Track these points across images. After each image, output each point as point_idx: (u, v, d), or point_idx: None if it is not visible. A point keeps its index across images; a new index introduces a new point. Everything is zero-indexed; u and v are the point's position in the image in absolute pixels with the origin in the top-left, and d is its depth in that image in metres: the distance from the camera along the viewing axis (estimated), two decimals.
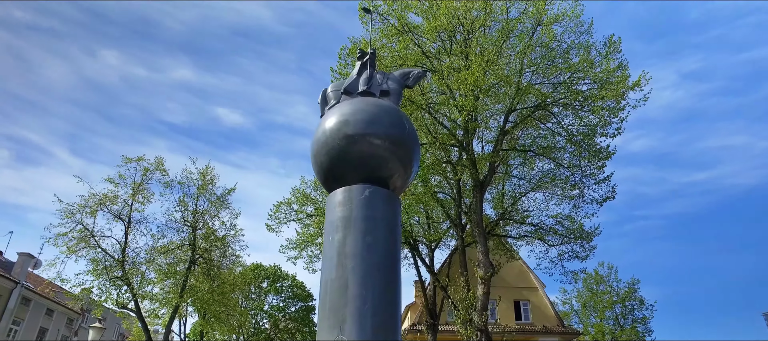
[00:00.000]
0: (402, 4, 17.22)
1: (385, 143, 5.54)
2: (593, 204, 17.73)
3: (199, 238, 27.54)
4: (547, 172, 19.78)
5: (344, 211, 5.26)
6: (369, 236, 5.03)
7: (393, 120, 5.74)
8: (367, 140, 5.48)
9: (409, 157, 5.83)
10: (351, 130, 5.47)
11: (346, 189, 5.39)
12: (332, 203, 5.45)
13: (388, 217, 5.39)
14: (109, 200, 24.57)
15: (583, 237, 20.42)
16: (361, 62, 6.69)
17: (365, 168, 5.51)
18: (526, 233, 23.19)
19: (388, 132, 5.59)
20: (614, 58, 15.51)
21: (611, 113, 15.61)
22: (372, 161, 5.52)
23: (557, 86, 16.00)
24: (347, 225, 5.16)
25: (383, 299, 4.80)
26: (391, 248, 5.21)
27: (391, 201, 5.58)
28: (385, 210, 5.40)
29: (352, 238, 5.07)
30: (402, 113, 6.09)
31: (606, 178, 17.21)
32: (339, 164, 5.55)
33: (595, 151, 16.43)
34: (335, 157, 5.53)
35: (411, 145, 5.84)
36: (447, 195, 22.42)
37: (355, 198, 5.28)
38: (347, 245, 5.04)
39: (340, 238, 5.10)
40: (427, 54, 17.34)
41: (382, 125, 5.62)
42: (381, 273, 4.92)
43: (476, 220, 16.86)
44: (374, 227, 5.17)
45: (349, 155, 5.46)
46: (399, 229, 5.65)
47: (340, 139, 5.47)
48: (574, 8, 15.91)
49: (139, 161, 26.02)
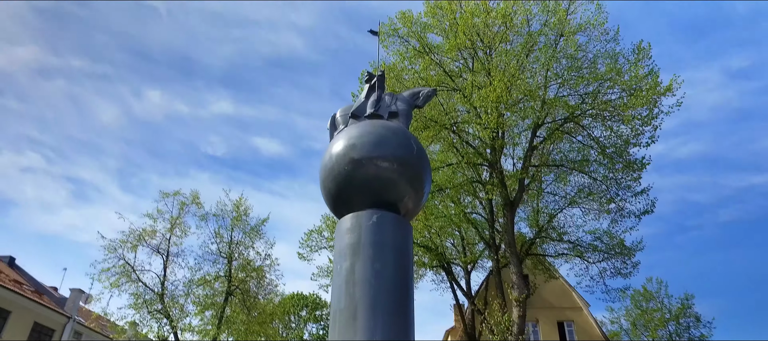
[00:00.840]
0: (421, 25, 17.24)
1: (392, 165, 5.40)
2: (631, 218, 16.89)
3: (235, 269, 27.92)
4: (582, 187, 19.06)
5: (352, 238, 5.10)
6: (377, 263, 4.84)
7: (400, 141, 5.60)
8: (374, 163, 5.34)
9: (419, 178, 5.65)
10: (357, 153, 5.35)
11: (354, 215, 5.23)
12: (341, 230, 5.30)
13: (398, 242, 5.17)
14: (148, 235, 25.34)
15: (624, 253, 19.44)
16: (369, 85, 6.62)
17: (373, 192, 5.35)
18: (564, 251, 22.31)
19: (395, 154, 5.45)
20: (644, 65, 14.93)
21: (644, 122, 14.94)
22: (380, 184, 5.37)
23: (585, 97, 15.50)
24: (356, 252, 4.99)
25: (393, 328, 4.58)
26: (401, 275, 5.00)
27: (401, 226, 5.37)
28: (395, 236, 5.18)
29: (360, 265, 4.89)
30: (410, 134, 5.94)
31: (643, 190, 16.38)
32: (346, 189, 5.42)
33: (630, 162, 15.71)
34: (342, 182, 5.41)
35: (420, 166, 5.65)
36: (480, 216, 21.93)
37: (363, 224, 5.11)
38: (356, 272, 4.86)
39: (348, 266, 4.94)
40: (450, 73, 17.21)
41: (390, 146, 5.48)
42: (391, 301, 4.70)
43: (508, 240, 16.33)
44: (383, 253, 4.97)
45: (356, 180, 5.32)
46: (410, 254, 5.44)
47: (347, 163, 5.36)
48: (597, 16, 15.48)
49: (176, 195, 26.85)
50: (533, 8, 16.97)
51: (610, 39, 16.09)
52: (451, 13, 17.00)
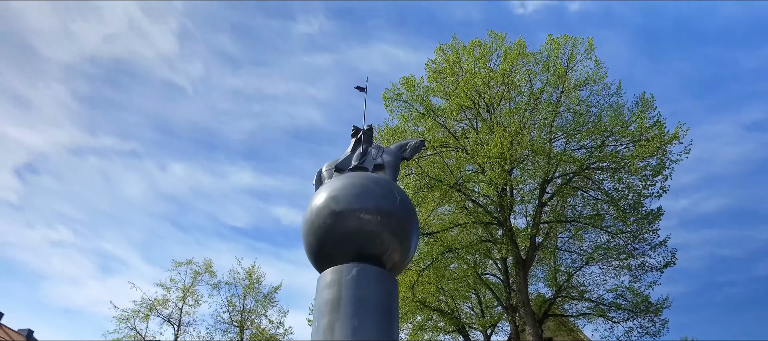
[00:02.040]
0: (424, 89, 17.60)
1: (375, 217, 5.22)
2: (653, 272, 16.10)
3: (247, 338, 27.19)
4: (598, 244, 18.42)
5: (332, 293, 4.86)
6: (355, 319, 4.59)
7: (383, 192, 5.46)
8: (356, 215, 5.18)
9: (404, 229, 5.45)
10: (339, 206, 5.22)
11: (334, 269, 5.03)
12: (320, 285, 5.09)
13: (381, 298, 4.90)
14: (160, 304, 25.05)
15: (650, 311, 18.36)
16: (354, 139, 6.64)
17: (355, 245, 5.16)
18: (586, 310, 21.20)
19: (378, 205, 5.29)
20: (649, 116, 14.83)
21: (654, 173, 14.61)
22: (361, 237, 5.17)
23: (591, 150, 15.34)
24: (335, 309, 4.74)
25: None
26: (384, 332, 4.71)
27: (385, 280, 5.12)
28: (377, 290, 4.92)
29: (339, 324, 4.63)
30: (394, 185, 5.82)
31: (662, 242, 15.73)
32: (326, 242, 5.25)
33: (644, 215, 15.22)
34: (322, 235, 5.25)
35: (404, 216, 5.47)
36: (497, 277, 21.27)
37: (343, 278, 4.89)
38: (335, 332, 4.60)
39: (325, 324, 4.68)
40: (454, 133, 17.33)
41: (372, 198, 5.34)
42: None
43: (522, 300, 15.65)
44: (363, 309, 4.70)
45: (337, 233, 5.15)
46: (395, 311, 5.14)
47: (327, 216, 5.22)
48: (597, 71, 15.63)
49: (189, 264, 26.71)
50: (535, 68, 17.26)
51: (613, 93, 16.13)
52: (453, 76, 17.39)
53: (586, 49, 16.15)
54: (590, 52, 16.13)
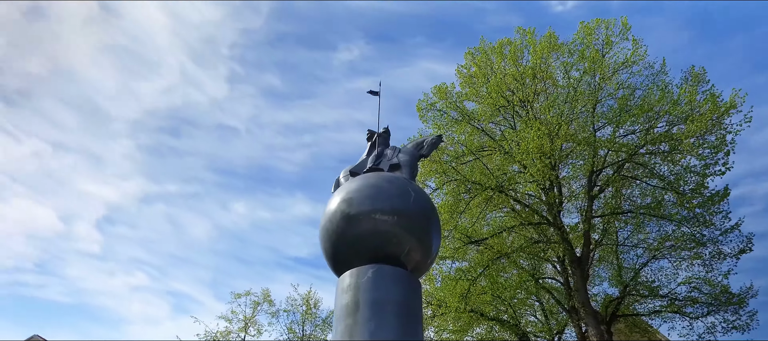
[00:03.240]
0: (457, 95, 17.32)
1: (390, 217, 5.04)
2: (729, 259, 14.66)
3: None
4: (665, 234, 17.10)
5: (349, 297, 4.71)
6: (372, 322, 4.40)
7: (397, 191, 5.27)
8: (370, 217, 5.03)
9: (420, 227, 5.23)
10: (352, 209, 5.10)
11: (351, 272, 4.88)
12: (338, 290, 4.95)
13: (400, 299, 4.69)
14: (223, 336, 25.76)
15: (732, 302, 16.71)
16: (370, 143, 6.54)
17: (370, 247, 5.00)
18: (659, 308, 19.67)
19: (393, 205, 5.12)
20: (700, 91, 13.72)
21: (713, 149, 13.41)
22: (376, 238, 5.00)
23: (638, 134, 14.38)
24: (353, 312, 4.59)
25: None
26: (404, 335, 4.45)
27: (404, 281, 4.89)
28: (396, 292, 4.72)
29: (358, 328, 4.46)
30: (409, 182, 5.62)
31: (734, 226, 14.31)
32: (342, 246, 5.13)
33: (708, 197, 13.94)
34: (337, 240, 5.14)
35: (421, 214, 5.24)
36: (557, 280, 20.28)
37: (359, 281, 4.75)
38: (354, 336, 4.43)
39: (343, 328, 4.53)
40: (493, 136, 16.86)
41: (386, 196, 5.17)
42: None
43: (582, 300, 14.72)
44: (381, 311, 4.52)
45: (351, 236, 5.02)
46: (418, 312, 4.88)
47: (340, 220, 5.11)
48: (635, 51, 14.72)
49: (247, 295, 27.41)
50: (569, 59, 16.59)
51: (658, 72, 15.11)
52: (484, 78, 17.01)
53: (622, 29, 15.30)
54: (626, 32, 15.28)
